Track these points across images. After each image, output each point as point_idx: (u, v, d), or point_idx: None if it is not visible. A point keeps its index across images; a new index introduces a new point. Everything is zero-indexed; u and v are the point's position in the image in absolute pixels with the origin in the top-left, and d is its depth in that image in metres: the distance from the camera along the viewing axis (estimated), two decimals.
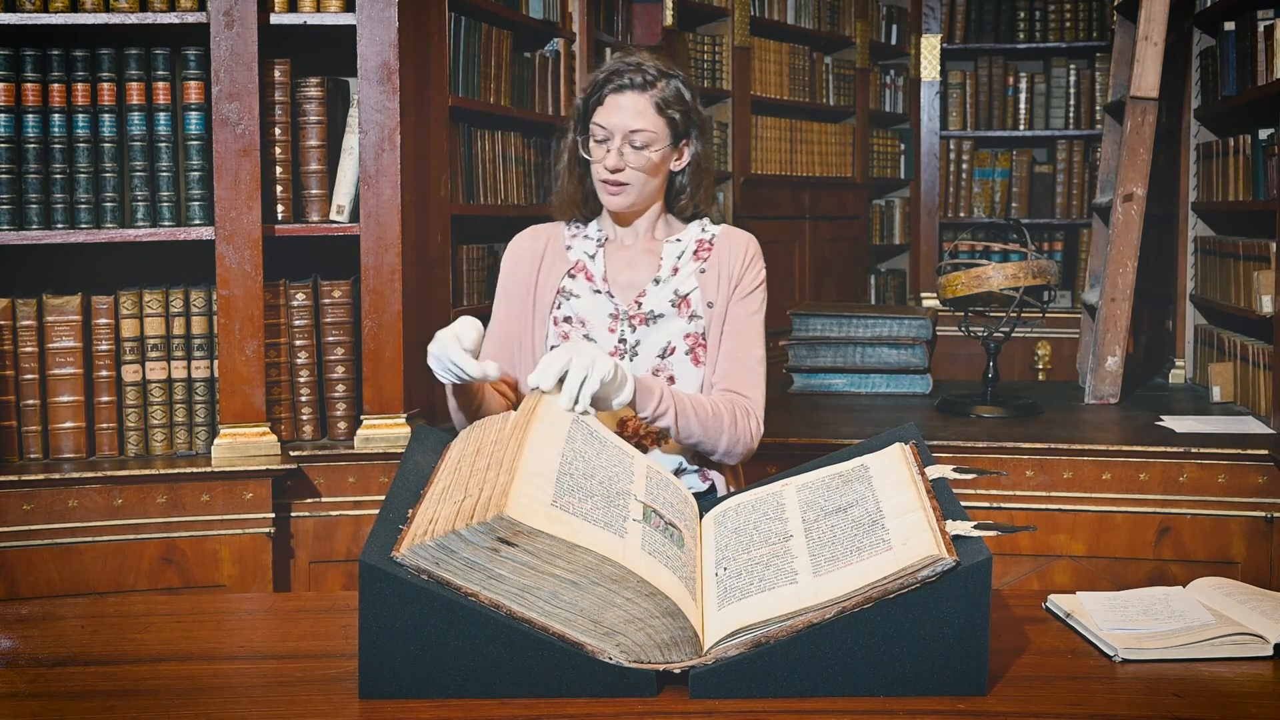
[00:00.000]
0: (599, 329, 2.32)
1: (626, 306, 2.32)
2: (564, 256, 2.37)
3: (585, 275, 2.35)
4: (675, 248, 2.36)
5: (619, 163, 2.25)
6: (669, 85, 2.27)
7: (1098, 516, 3.12)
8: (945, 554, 1.54)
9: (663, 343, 2.31)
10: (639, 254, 2.36)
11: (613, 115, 2.25)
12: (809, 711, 1.54)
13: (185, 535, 2.82)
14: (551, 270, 2.36)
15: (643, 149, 2.25)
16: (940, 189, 6.55)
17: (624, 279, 2.34)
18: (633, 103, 2.25)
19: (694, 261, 2.35)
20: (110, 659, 1.75)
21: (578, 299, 2.33)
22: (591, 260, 2.35)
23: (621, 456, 1.85)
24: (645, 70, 2.26)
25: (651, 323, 2.31)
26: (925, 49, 6.53)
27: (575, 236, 2.39)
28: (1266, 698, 1.60)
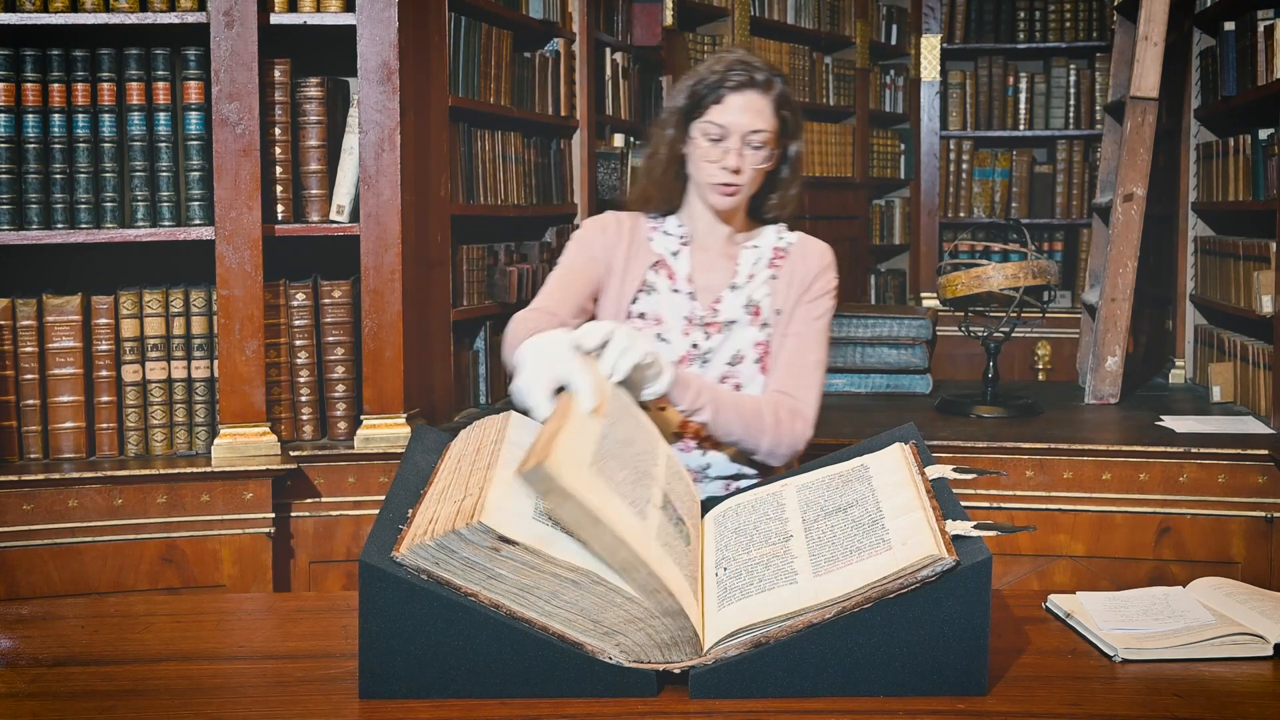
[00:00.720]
0: (673, 330, 2.30)
1: (704, 311, 2.31)
2: (648, 248, 2.34)
3: (668, 273, 2.33)
4: (752, 254, 2.35)
5: (739, 163, 2.23)
6: (782, 86, 2.27)
7: (1098, 516, 3.12)
8: (945, 554, 1.54)
9: (734, 350, 2.31)
10: (718, 256, 2.35)
11: (732, 115, 2.23)
12: (809, 711, 1.54)
13: (185, 535, 2.82)
14: (635, 259, 2.33)
15: (760, 149, 2.24)
16: (940, 189, 6.55)
17: (702, 281, 2.33)
18: (753, 103, 2.23)
19: (769, 269, 2.34)
20: (110, 659, 1.75)
21: (657, 295, 2.31)
22: (674, 258, 2.33)
23: (651, 438, 1.85)
24: (760, 69, 2.25)
25: (726, 330, 2.31)
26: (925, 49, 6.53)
27: (655, 230, 2.36)
28: (1266, 698, 1.60)
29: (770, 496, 1.88)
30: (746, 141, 2.23)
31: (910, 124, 6.65)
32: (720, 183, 2.25)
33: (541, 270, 3.81)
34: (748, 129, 2.23)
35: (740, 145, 2.23)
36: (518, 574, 1.55)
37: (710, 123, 2.24)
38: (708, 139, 2.25)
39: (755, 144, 2.24)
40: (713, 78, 2.25)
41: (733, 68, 2.24)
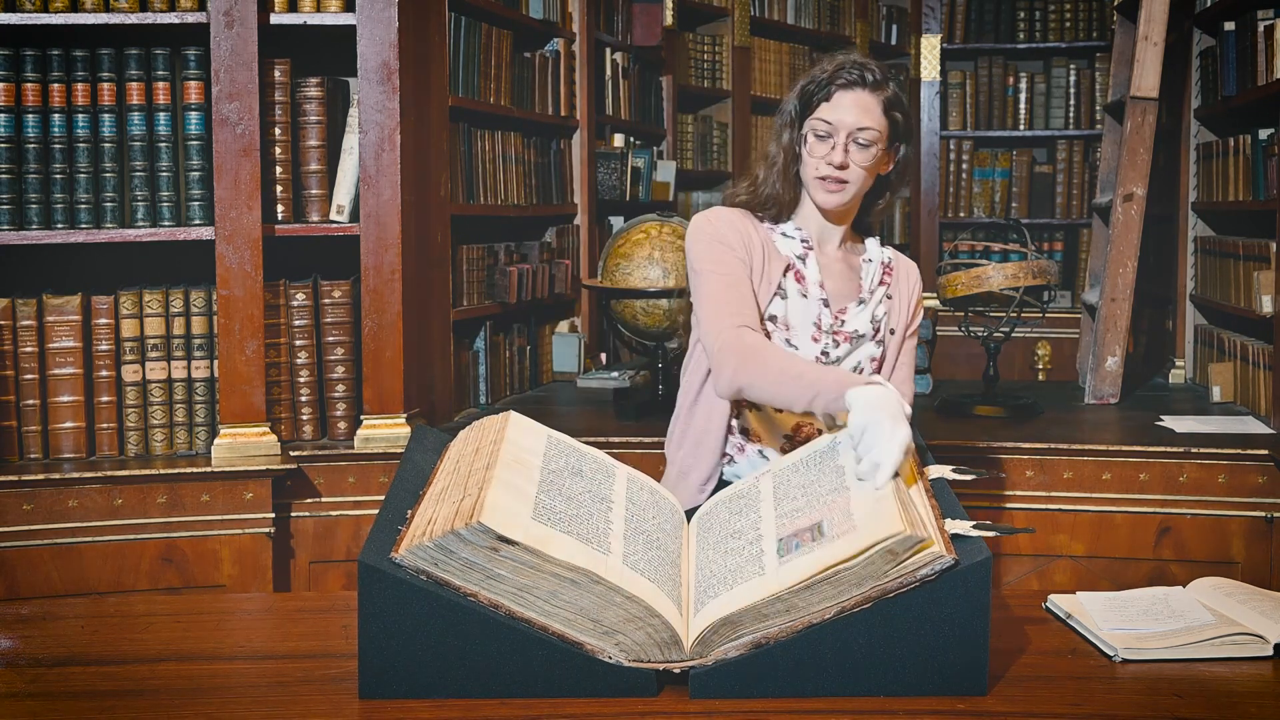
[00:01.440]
0: (802, 336, 2.29)
1: (831, 320, 2.30)
2: (777, 251, 2.32)
3: (796, 276, 2.30)
4: (869, 267, 2.36)
5: (844, 159, 2.22)
6: (894, 87, 2.26)
7: (1098, 516, 3.12)
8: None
9: (855, 363, 2.32)
10: (839, 264, 2.34)
11: (840, 112, 2.22)
12: (809, 711, 1.54)
13: (185, 535, 2.82)
14: (770, 261, 2.30)
15: (867, 147, 2.23)
16: (940, 189, 6.54)
17: (831, 289, 2.32)
18: (862, 100, 2.22)
19: (881, 286, 2.35)
20: (110, 659, 1.75)
21: (787, 299, 2.29)
22: (803, 262, 2.31)
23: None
24: (873, 69, 2.24)
25: (855, 342, 2.31)
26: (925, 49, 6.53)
27: (773, 232, 2.34)
28: (1266, 698, 1.60)
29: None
30: (854, 138, 2.22)
31: None
32: (824, 177, 2.24)
33: (542, 270, 3.81)
34: (855, 126, 2.22)
35: (847, 141, 2.22)
36: (517, 574, 1.55)
37: (819, 119, 2.24)
38: (816, 136, 2.24)
39: (862, 141, 2.23)
40: (823, 76, 2.25)
41: (844, 66, 2.24)
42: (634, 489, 1.85)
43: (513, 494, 1.64)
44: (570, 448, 1.87)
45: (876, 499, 1.63)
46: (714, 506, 1.90)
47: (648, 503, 1.84)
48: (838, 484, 1.74)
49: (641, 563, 1.64)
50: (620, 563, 1.60)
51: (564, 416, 3.53)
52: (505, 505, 1.59)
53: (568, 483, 1.75)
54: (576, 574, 1.55)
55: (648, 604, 1.56)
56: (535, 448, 1.82)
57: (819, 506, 1.70)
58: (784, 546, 1.64)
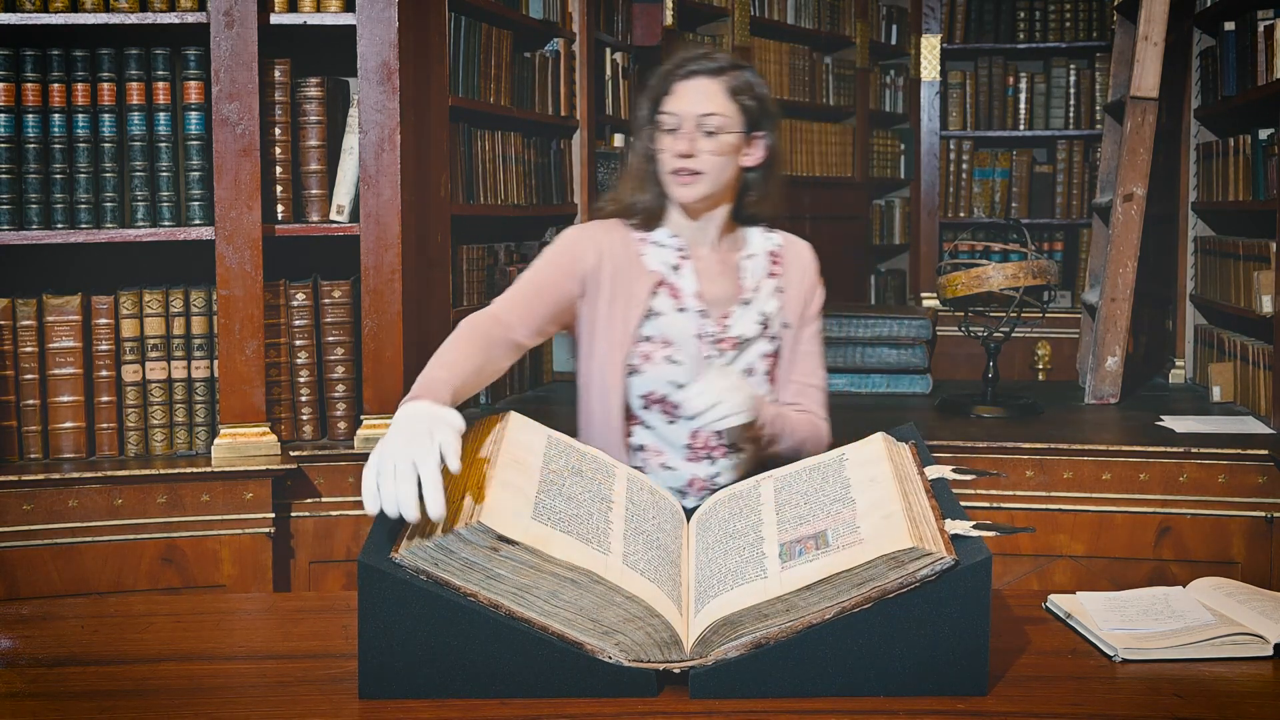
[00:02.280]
0: (686, 351, 2.23)
1: (715, 328, 2.24)
2: (641, 266, 2.24)
3: (670, 291, 2.24)
4: (752, 264, 2.29)
5: (689, 147, 2.17)
6: (740, 74, 2.22)
7: (1098, 516, 3.12)
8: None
9: (745, 365, 2.27)
10: (718, 266, 2.28)
11: (682, 101, 2.18)
12: (809, 711, 1.54)
13: (185, 535, 2.82)
14: (635, 281, 2.23)
15: (715, 134, 2.17)
16: (940, 189, 6.54)
17: (710, 295, 2.25)
18: (703, 87, 2.18)
19: (770, 279, 2.30)
20: (110, 659, 1.75)
21: (662, 317, 2.23)
22: (676, 273, 2.25)
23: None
24: (715, 57, 2.21)
25: (741, 347, 2.26)
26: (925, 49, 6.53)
27: (644, 242, 2.27)
28: (1266, 698, 1.60)
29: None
30: (700, 126, 2.17)
31: (910, 124, 6.65)
32: (674, 170, 2.19)
33: None
34: (698, 113, 2.17)
35: (693, 130, 2.17)
36: (517, 574, 1.55)
37: (663, 113, 2.20)
38: (663, 131, 2.20)
39: (709, 128, 2.17)
40: (666, 70, 2.22)
41: (683, 59, 2.21)
42: (634, 489, 1.85)
43: (513, 494, 1.64)
44: (570, 447, 1.87)
45: (886, 514, 1.63)
46: (713, 506, 1.90)
47: (647, 503, 1.84)
48: (842, 495, 1.74)
49: (641, 563, 1.64)
50: (620, 563, 1.61)
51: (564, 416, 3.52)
52: (505, 505, 1.59)
53: (568, 482, 1.75)
54: (577, 574, 1.55)
55: (648, 604, 1.56)
56: (535, 447, 1.82)
57: (823, 516, 1.70)
58: (786, 552, 1.64)
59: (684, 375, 2.22)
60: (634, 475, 1.90)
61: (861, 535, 1.60)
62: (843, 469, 1.82)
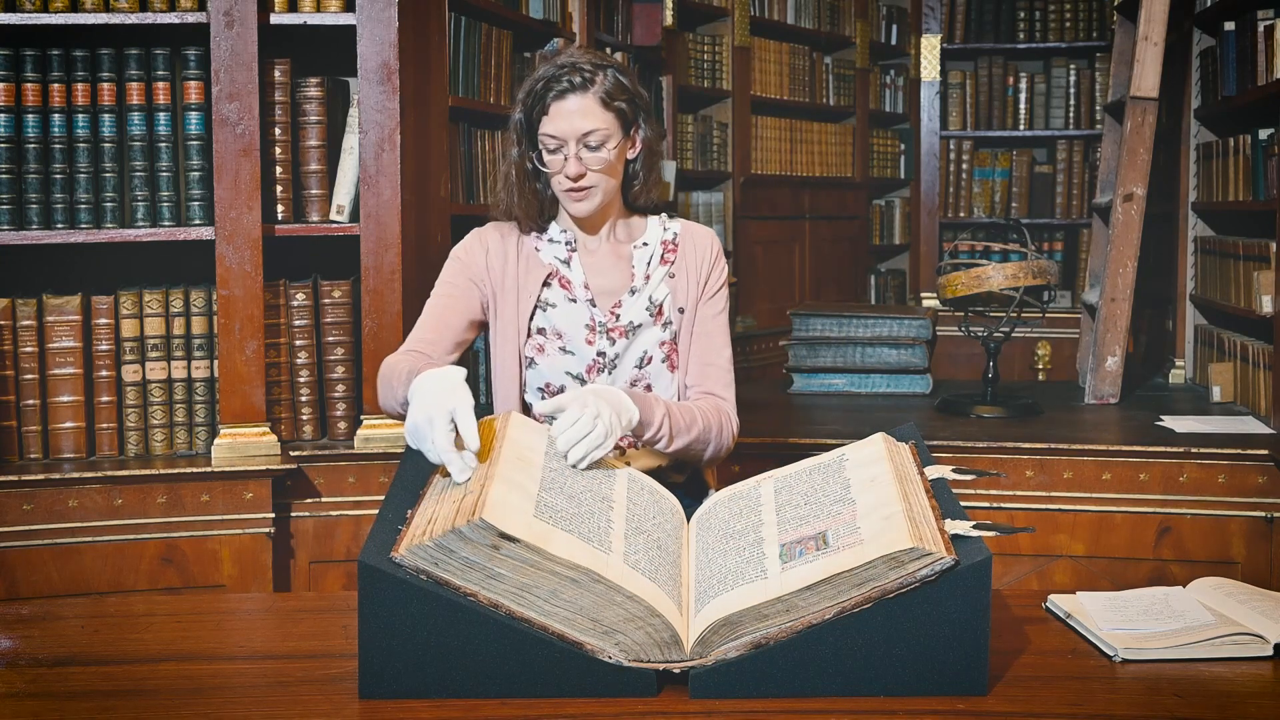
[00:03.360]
0: (576, 340, 2.28)
1: (604, 318, 2.28)
2: (537, 261, 2.30)
3: (561, 283, 2.29)
4: (644, 252, 2.32)
5: (579, 169, 2.19)
6: (608, 76, 2.21)
7: (1098, 516, 3.12)
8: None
9: (640, 353, 2.30)
10: (608, 258, 2.32)
11: (560, 122, 2.19)
12: (809, 711, 1.54)
13: (185, 535, 2.82)
14: (527, 274, 2.29)
15: (599, 149, 2.20)
16: (940, 189, 6.55)
17: (599, 286, 2.30)
18: (578, 104, 2.19)
19: (662, 265, 2.32)
20: (110, 659, 1.75)
21: (554, 308, 2.29)
22: (566, 266, 2.30)
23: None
24: (581, 69, 2.20)
25: (631, 335, 2.29)
26: (925, 49, 6.53)
27: (538, 239, 2.33)
28: (1266, 698, 1.60)
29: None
30: (583, 144, 2.19)
31: (910, 124, 6.65)
32: (567, 190, 2.23)
33: None
34: (579, 132, 2.18)
35: (576, 150, 2.19)
36: (517, 573, 1.55)
37: (544, 135, 2.21)
38: (547, 151, 2.22)
39: (592, 144, 2.19)
40: (538, 89, 2.22)
41: (553, 76, 2.20)
42: (635, 489, 1.85)
43: (515, 491, 1.64)
44: None
45: (886, 515, 1.63)
46: (713, 506, 1.90)
47: (648, 503, 1.84)
48: (843, 495, 1.74)
49: (642, 562, 1.64)
50: (621, 562, 1.61)
51: None
52: (507, 502, 1.59)
53: (569, 481, 1.76)
54: (577, 572, 1.55)
55: (648, 603, 1.56)
56: (537, 446, 1.83)
57: (823, 516, 1.70)
58: (787, 552, 1.64)
59: (577, 365, 2.28)
60: (634, 475, 1.91)
61: (862, 536, 1.60)
62: (843, 469, 1.82)
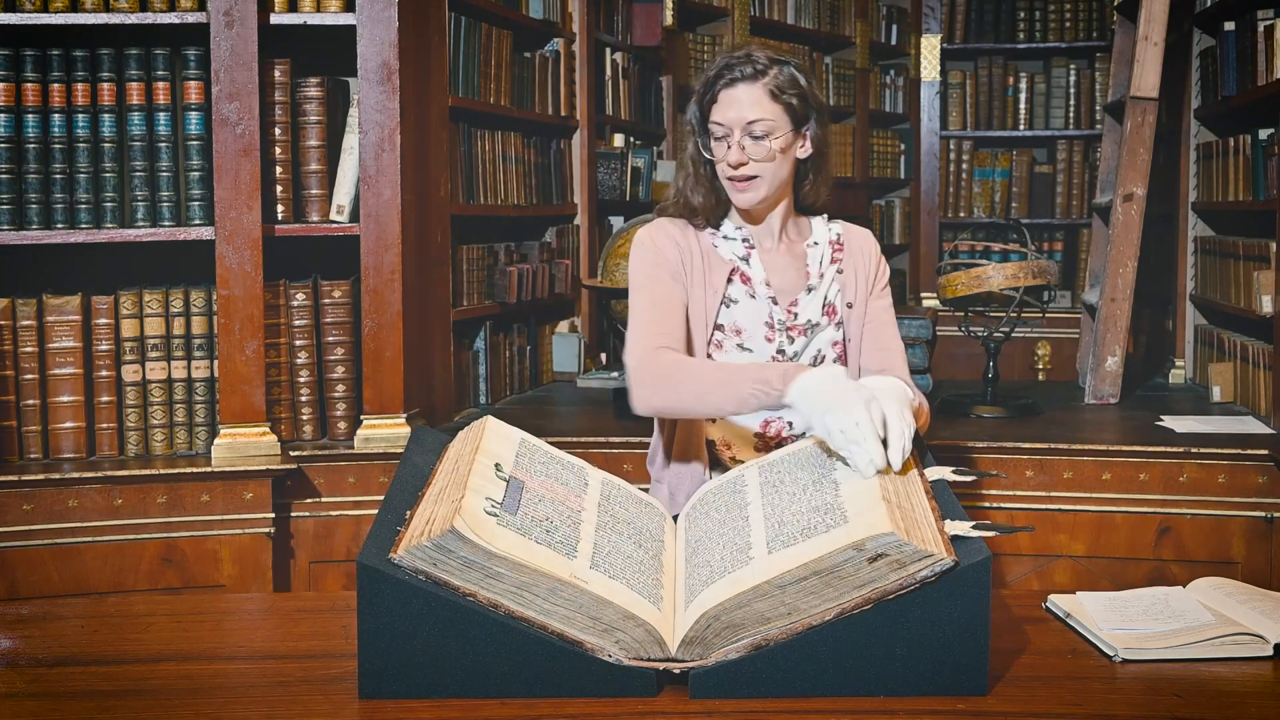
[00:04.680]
0: (755, 337, 2.29)
1: (784, 316, 2.29)
2: (718, 258, 2.31)
3: (742, 279, 2.30)
4: (816, 251, 2.35)
5: (741, 156, 2.21)
6: (782, 71, 2.23)
7: (1098, 516, 3.12)
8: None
9: (814, 351, 2.31)
10: (783, 256, 2.33)
11: (728, 110, 2.21)
12: (809, 711, 1.54)
13: (185, 535, 2.82)
14: (712, 270, 2.29)
15: (763, 139, 2.21)
16: (940, 189, 6.54)
17: (778, 284, 2.31)
18: (746, 94, 2.21)
19: (832, 265, 2.34)
20: (110, 659, 1.75)
21: (736, 305, 2.29)
22: (746, 263, 2.30)
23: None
24: (755, 60, 2.23)
25: (809, 333, 2.30)
26: (925, 49, 6.53)
27: (714, 236, 2.33)
28: (1266, 698, 1.60)
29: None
30: (748, 132, 2.21)
31: (910, 124, 6.65)
32: (729, 178, 2.25)
33: (542, 270, 3.81)
34: (745, 120, 2.20)
35: (741, 138, 2.21)
36: (516, 572, 1.55)
37: (713, 123, 2.24)
38: (714, 139, 2.25)
39: (757, 133, 2.21)
40: (710, 77, 2.25)
41: (726, 65, 2.23)
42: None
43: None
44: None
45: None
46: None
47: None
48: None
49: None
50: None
51: (564, 416, 3.53)
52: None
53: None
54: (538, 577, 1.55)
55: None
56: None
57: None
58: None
59: None
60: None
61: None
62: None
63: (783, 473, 1.82)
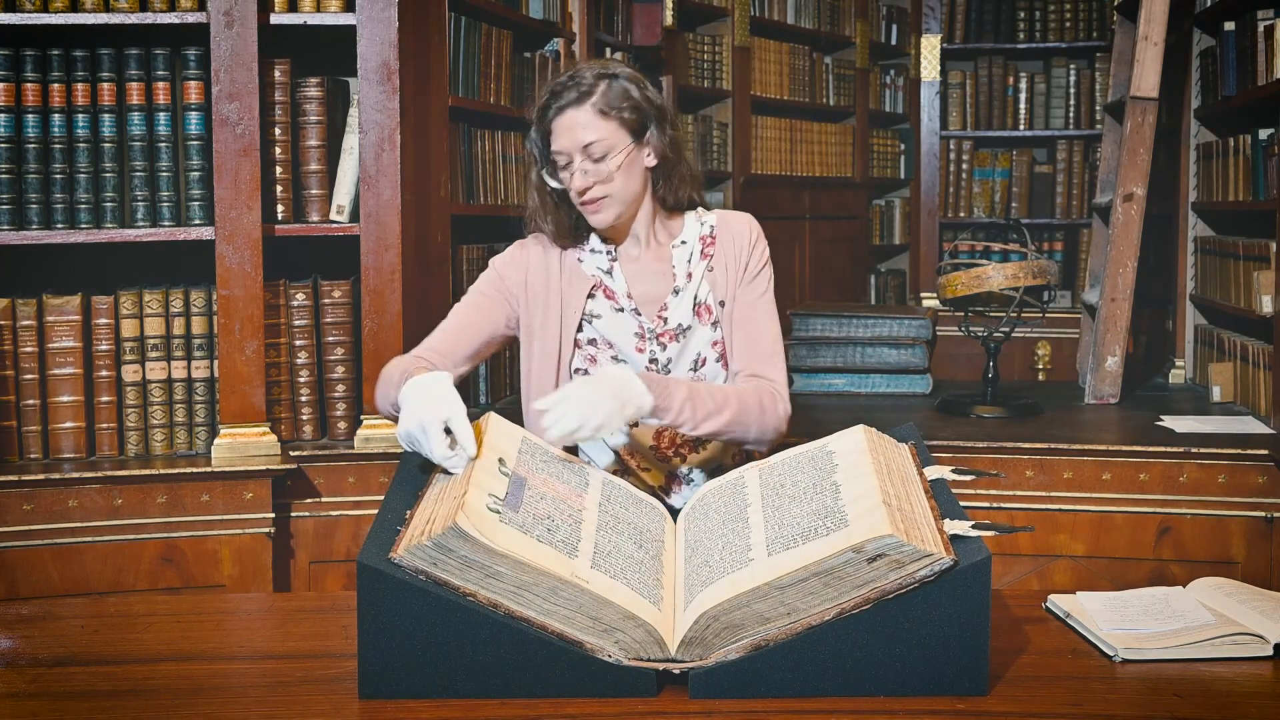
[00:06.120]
0: (627, 349, 2.26)
1: (652, 324, 2.27)
2: (580, 273, 2.29)
3: (605, 293, 2.28)
4: (683, 251, 2.30)
5: (584, 181, 2.18)
6: (611, 86, 2.19)
7: (1098, 516, 3.12)
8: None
9: (693, 355, 2.27)
10: (649, 263, 2.30)
11: (563, 138, 2.18)
12: (809, 711, 1.54)
13: (185, 535, 2.82)
14: (573, 288, 2.28)
15: (602, 160, 2.18)
16: (940, 189, 6.54)
17: (641, 293, 2.28)
18: (575, 118, 2.17)
19: (702, 261, 2.29)
20: (110, 659, 1.75)
21: (600, 319, 2.27)
22: (609, 276, 2.28)
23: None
24: (580, 81, 2.19)
25: (681, 337, 2.27)
26: (925, 49, 6.53)
27: (581, 250, 2.31)
28: (1266, 698, 1.60)
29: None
30: (587, 155, 2.18)
31: (910, 124, 6.65)
32: (581, 203, 2.22)
33: None
34: (580, 144, 2.17)
35: (582, 162, 2.18)
36: (516, 571, 1.55)
37: (554, 153, 2.21)
38: (560, 168, 2.22)
39: (595, 155, 2.18)
40: (540, 107, 2.22)
41: (551, 93, 2.20)
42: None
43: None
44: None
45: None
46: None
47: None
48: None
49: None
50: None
51: None
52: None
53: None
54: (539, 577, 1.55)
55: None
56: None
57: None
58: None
59: None
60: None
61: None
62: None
63: (783, 475, 1.82)
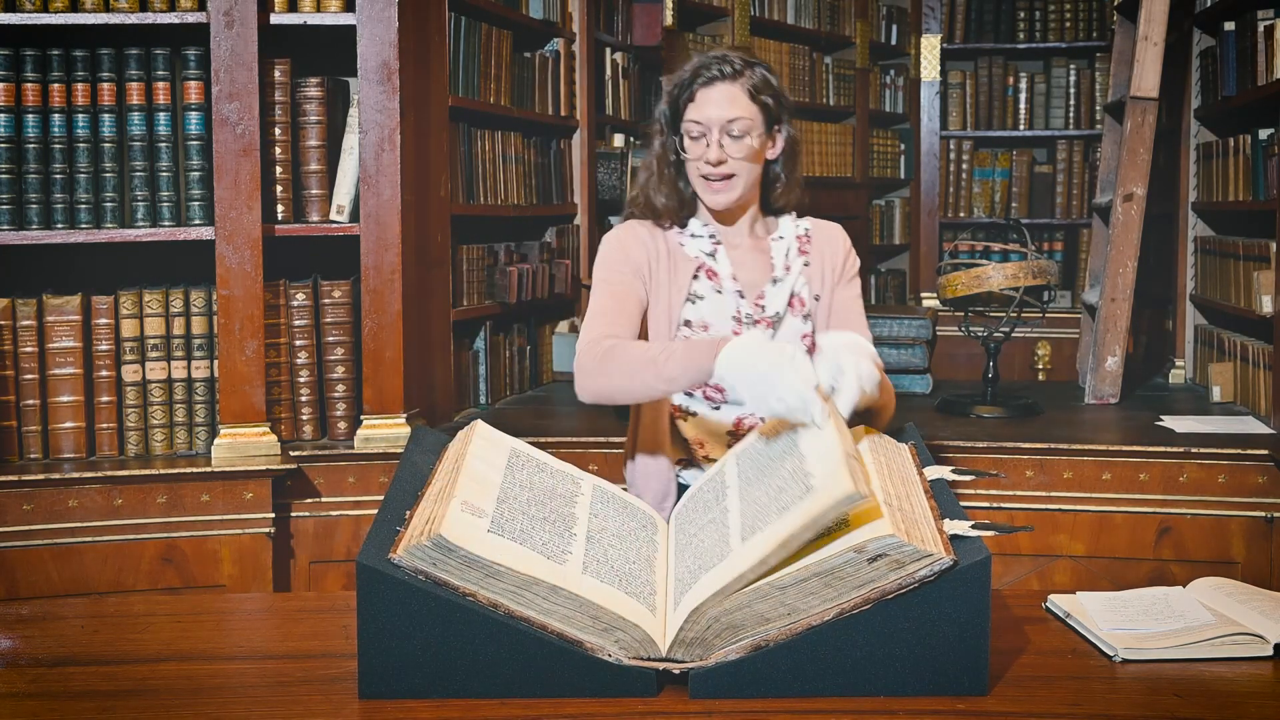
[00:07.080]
0: (723, 331, 2.28)
1: (750, 309, 2.30)
2: (684, 255, 2.31)
3: (708, 274, 2.30)
4: (781, 245, 2.35)
5: (720, 154, 2.22)
6: (756, 72, 2.25)
7: (1098, 516, 3.12)
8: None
9: None
10: (750, 253, 2.34)
11: (707, 109, 2.21)
12: (809, 711, 1.54)
13: (185, 535, 2.82)
14: (677, 270, 2.30)
15: (742, 137, 2.22)
16: (940, 189, 6.54)
17: (744, 278, 2.32)
18: (725, 93, 2.21)
19: (799, 257, 2.35)
20: (110, 659, 1.75)
21: (703, 300, 2.30)
22: (713, 259, 2.31)
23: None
24: (731, 60, 2.24)
25: (776, 326, 2.30)
26: (925, 49, 6.52)
27: (682, 234, 2.34)
28: (1266, 698, 1.60)
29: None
30: (726, 131, 2.21)
31: (910, 124, 6.64)
32: (706, 176, 2.25)
33: (542, 270, 3.81)
34: (723, 119, 2.21)
35: (719, 136, 2.22)
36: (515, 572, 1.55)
37: (689, 121, 2.24)
38: (690, 138, 2.25)
39: (735, 133, 2.22)
40: (686, 77, 2.25)
41: (703, 64, 2.24)
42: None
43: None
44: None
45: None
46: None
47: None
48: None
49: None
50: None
51: (564, 416, 3.53)
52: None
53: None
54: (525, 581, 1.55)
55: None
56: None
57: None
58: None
59: None
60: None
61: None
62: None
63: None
